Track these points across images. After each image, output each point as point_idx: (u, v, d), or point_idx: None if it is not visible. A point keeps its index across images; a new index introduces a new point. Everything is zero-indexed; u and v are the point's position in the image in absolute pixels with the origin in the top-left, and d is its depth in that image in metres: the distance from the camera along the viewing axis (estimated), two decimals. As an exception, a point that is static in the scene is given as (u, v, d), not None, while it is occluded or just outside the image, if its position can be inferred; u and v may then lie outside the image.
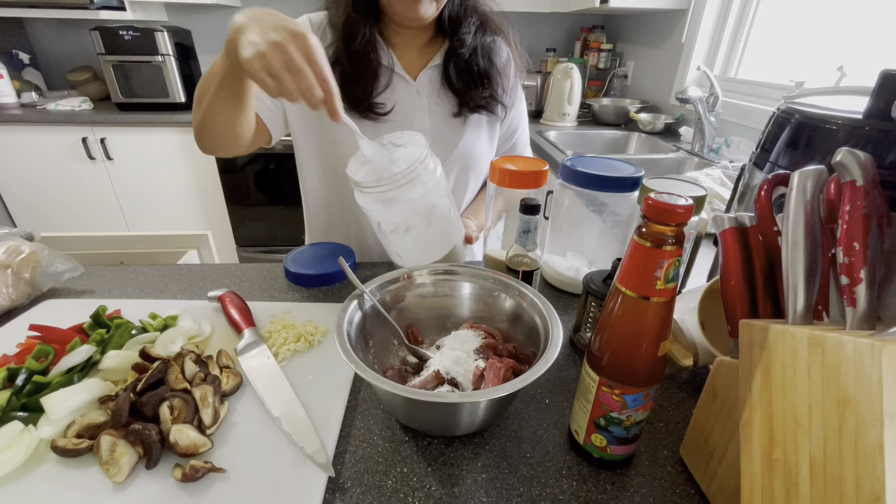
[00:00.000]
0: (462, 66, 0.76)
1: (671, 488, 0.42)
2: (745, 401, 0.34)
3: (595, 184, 0.65)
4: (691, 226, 0.60)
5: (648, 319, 0.36)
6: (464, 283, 0.58)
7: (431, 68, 0.77)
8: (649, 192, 0.35)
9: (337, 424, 0.47)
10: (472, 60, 0.75)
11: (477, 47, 0.75)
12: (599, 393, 0.40)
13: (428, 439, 0.47)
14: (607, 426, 0.41)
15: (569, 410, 0.51)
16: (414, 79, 0.77)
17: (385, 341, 0.55)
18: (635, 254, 0.35)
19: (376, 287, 0.54)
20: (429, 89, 0.78)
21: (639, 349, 0.37)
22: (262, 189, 2.15)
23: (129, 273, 0.75)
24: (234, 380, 0.50)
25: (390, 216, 0.61)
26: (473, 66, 0.76)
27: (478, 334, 0.53)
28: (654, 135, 1.86)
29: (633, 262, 0.35)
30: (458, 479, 0.43)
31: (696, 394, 0.53)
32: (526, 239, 0.60)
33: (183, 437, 0.41)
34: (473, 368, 0.48)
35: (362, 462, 0.44)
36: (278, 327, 0.58)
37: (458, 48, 0.74)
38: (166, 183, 2.13)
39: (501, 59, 0.80)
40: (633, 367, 0.38)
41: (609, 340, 0.39)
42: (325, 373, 0.53)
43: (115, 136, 2.01)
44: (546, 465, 0.44)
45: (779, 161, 0.50)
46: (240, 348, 0.55)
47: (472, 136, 0.81)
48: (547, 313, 0.49)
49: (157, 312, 0.60)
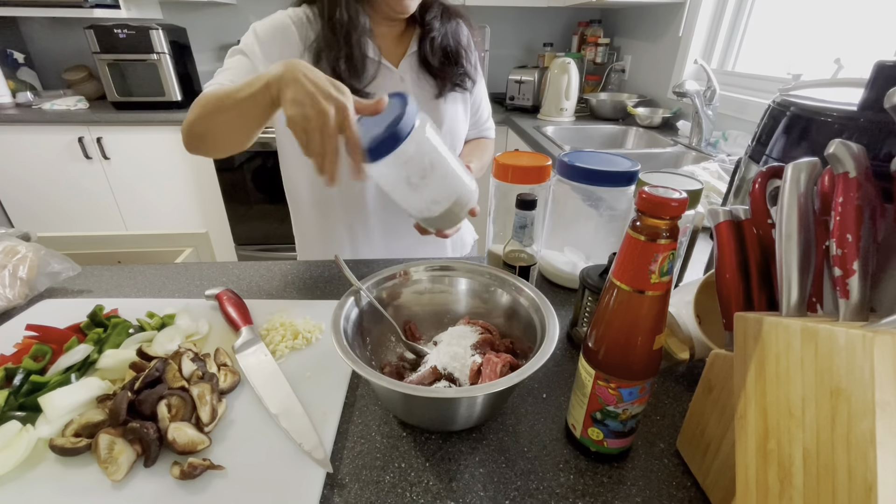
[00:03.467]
0: (437, 49, 0.82)
1: (668, 481, 0.43)
2: (740, 393, 0.34)
3: (591, 178, 0.65)
4: (687, 219, 0.60)
5: (643, 313, 0.36)
6: (460, 279, 0.58)
7: (410, 55, 0.82)
8: (644, 186, 0.35)
9: (335, 421, 0.47)
10: (444, 42, 0.82)
11: (446, 31, 0.81)
12: (595, 387, 0.40)
13: (426, 435, 0.47)
14: (604, 420, 0.41)
15: (566, 405, 0.51)
16: (396, 67, 0.81)
17: (382, 338, 0.55)
18: (630, 247, 0.35)
19: (373, 284, 0.54)
20: (410, 75, 0.82)
21: (634, 343, 0.37)
22: (259, 187, 2.14)
23: (127, 272, 0.75)
24: (232, 377, 0.50)
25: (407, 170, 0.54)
26: (446, 47, 0.82)
27: (475, 330, 0.53)
28: (652, 129, 1.85)
29: (628, 256, 0.35)
30: (456, 473, 0.43)
31: (693, 387, 0.53)
32: (522, 234, 0.60)
33: (181, 435, 0.41)
34: (470, 364, 0.48)
35: (360, 458, 0.44)
36: (276, 325, 0.58)
37: (429, 33, 0.80)
38: (164, 182, 2.13)
39: (465, 39, 0.86)
40: (629, 361, 0.38)
41: (604, 334, 0.39)
42: (323, 370, 0.53)
43: (112, 135, 2.00)
44: (543, 459, 0.44)
45: (774, 153, 0.50)
46: (237, 346, 0.55)
47: (453, 115, 0.87)
48: (543, 308, 0.49)
49: (155, 311, 0.60)
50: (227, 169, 2.08)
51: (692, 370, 0.56)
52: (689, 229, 0.61)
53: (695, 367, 0.56)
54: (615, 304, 0.37)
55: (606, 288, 0.38)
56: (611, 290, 0.38)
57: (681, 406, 0.51)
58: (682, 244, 0.62)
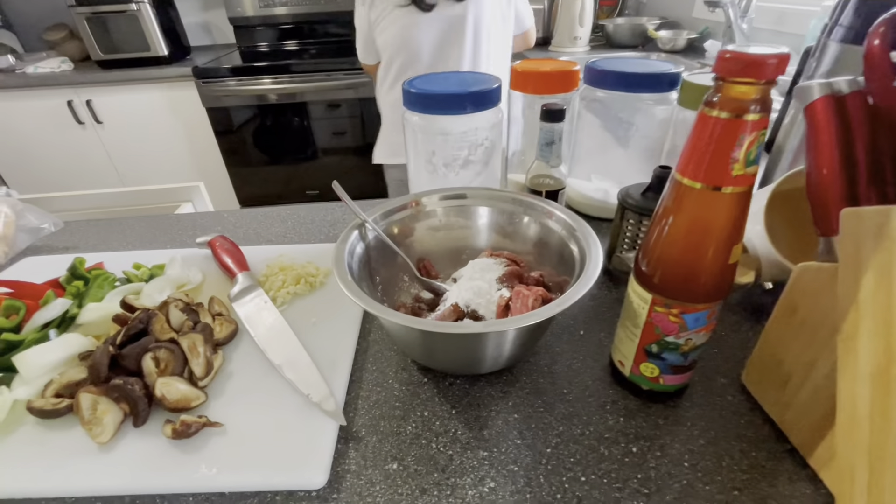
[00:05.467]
0: None
1: (734, 419, 0.37)
2: (848, 309, 0.27)
3: (627, 83, 0.55)
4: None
5: (720, 216, 0.29)
6: (479, 208, 0.50)
7: None
8: (692, 84, 0.26)
9: (346, 369, 0.41)
10: None
11: None
12: (652, 315, 0.33)
13: (450, 379, 0.41)
14: (661, 353, 0.35)
15: (606, 342, 0.44)
16: None
17: (394, 278, 0.48)
18: (704, 131, 0.27)
19: (380, 216, 0.47)
20: None
21: (704, 256, 0.30)
22: (261, 147, 2.05)
23: (116, 226, 0.69)
24: (229, 327, 0.45)
25: None
26: None
27: (499, 262, 0.46)
28: (676, 53, 1.69)
29: (702, 144, 0.27)
30: (487, 420, 0.37)
31: (753, 315, 0.47)
32: (549, 153, 0.51)
33: (171, 391, 0.36)
34: (497, 299, 0.41)
35: (377, 407, 0.39)
36: (275, 270, 0.52)
37: None
38: (161, 144, 2.04)
39: None
40: (697, 280, 0.31)
41: (666, 250, 0.31)
42: (330, 315, 0.47)
43: (101, 97, 1.91)
44: (586, 401, 0.39)
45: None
46: (233, 294, 0.49)
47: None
48: (581, 232, 0.41)
49: (143, 263, 0.54)
50: (225, 132, 1.98)
51: (749, 296, 0.49)
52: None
53: (752, 292, 0.49)
54: (681, 208, 0.30)
55: (669, 191, 0.31)
56: (675, 192, 0.30)
57: (740, 336, 0.44)
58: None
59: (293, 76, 1.86)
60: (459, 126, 0.53)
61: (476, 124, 0.53)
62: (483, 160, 0.56)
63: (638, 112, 0.61)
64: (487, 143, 0.55)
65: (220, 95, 1.88)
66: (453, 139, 0.54)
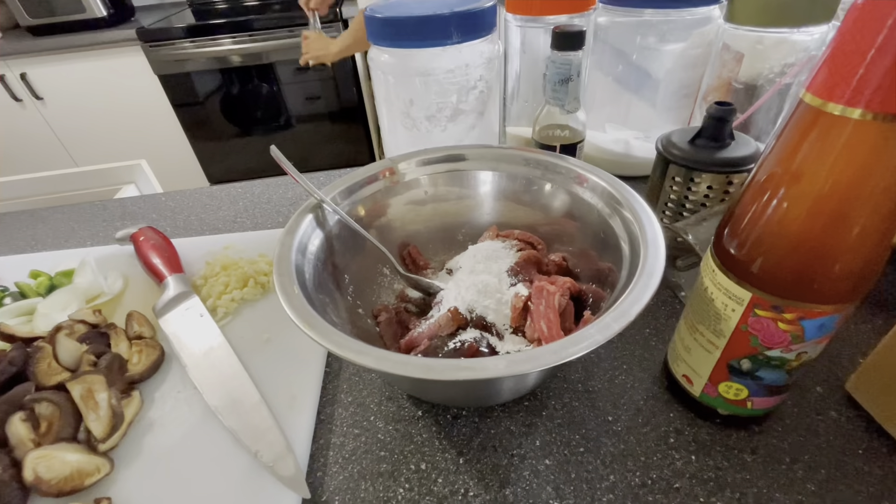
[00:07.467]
0: None
1: (848, 446, 0.27)
2: None
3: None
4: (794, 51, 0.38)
5: (890, 164, 0.17)
6: (480, 173, 0.38)
7: None
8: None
9: (312, 406, 0.30)
10: None
11: None
12: (749, 320, 0.22)
13: (453, 411, 0.30)
14: (756, 370, 0.24)
15: (655, 340, 0.34)
16: None
17: (369, 272, 0.36)
18: (867, 24, 0.15)
19: (342, 192, 0.34)
20: None
21: (851, 232, 0.19)
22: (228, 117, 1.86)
23: (23, 220, 0.56)
24: (151, 356, 0.33)
25: None
26: None
27: (508, 245, 0.34)
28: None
29: (871, 40, 0.15)
30: (509, 471, 0.27)
31: (871, 301, 0.36)
32: (564, 94, 0.39)
33: (52, 467, 0.25)
34: (511, 299, 0.30)
35: (355, 461, 0.28)
36: (216, 269, 0.40)
37: None
38: (113, 120, 1.84)
39: None
40: (833, 270, 0.20)
41: (785, 224, 0.20)
42: (288, 327, 0.36)
43: (37, 68, 1.69)
44: (641, 433, 0.28)
45: None
46: (159, 307, 0.37)
47: None
48: (628, 200, 0.30)
49: (44, 270, 0.42)
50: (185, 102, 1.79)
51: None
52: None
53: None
54: (821, 155, 0.18)
55: (792, 129, 0.19)
56: (805, 129, 0.18)
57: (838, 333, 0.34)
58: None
59: (254, 34, 1.66)
60: (444, 63, 0.40)
61: (466, 59, 0.40)
62: (477, 109, 0.43)
63: (667, 37, 0.48)
64: (482, 85, 0.42)
65: (173, 61, 1.69)
66: (436, 82, 0.41)
